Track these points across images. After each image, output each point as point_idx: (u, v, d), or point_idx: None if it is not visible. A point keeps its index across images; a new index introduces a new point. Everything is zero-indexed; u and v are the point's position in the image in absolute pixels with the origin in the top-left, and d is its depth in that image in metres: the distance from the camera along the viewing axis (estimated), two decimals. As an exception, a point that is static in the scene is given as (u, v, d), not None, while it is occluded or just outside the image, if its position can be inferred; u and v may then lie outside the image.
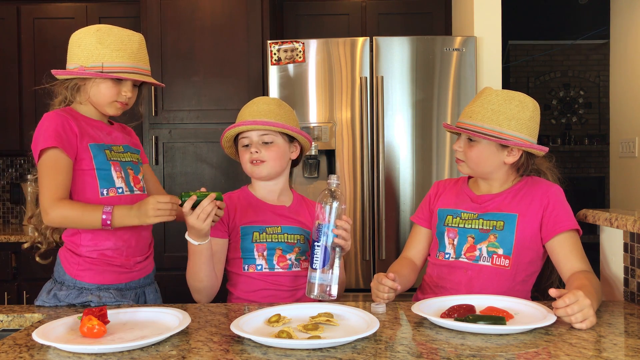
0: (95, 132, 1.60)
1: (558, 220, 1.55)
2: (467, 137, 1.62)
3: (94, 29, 1.56)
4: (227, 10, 2.97)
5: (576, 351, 1.09)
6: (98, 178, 1.56)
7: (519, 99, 1.58)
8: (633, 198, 3.25)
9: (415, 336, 1.21)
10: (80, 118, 1.59)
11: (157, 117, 2.95)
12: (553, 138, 7.82)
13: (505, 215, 1.58)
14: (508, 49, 7.69)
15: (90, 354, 1.10)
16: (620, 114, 3.41)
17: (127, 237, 1.60)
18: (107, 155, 1.59)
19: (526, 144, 1.55)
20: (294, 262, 1.71)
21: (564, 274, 1.53)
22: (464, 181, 1.75)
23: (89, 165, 1.55)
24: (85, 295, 1.54)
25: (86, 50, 1.54)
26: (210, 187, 2.93)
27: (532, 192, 1.60)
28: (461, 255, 1.60)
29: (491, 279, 1.55)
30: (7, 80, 3.22)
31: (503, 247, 1.56)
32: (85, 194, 1.55)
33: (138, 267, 1.64)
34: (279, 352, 1.10)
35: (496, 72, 2.77)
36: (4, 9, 3.22)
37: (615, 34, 3.47)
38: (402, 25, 3.32)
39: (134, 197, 1.62)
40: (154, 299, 1.71)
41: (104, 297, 1.54)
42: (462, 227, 1.62)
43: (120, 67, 1.54)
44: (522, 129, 1.56)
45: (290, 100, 2.70)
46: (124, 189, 1.60)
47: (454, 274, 1.60)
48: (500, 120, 1.54)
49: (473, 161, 1.62)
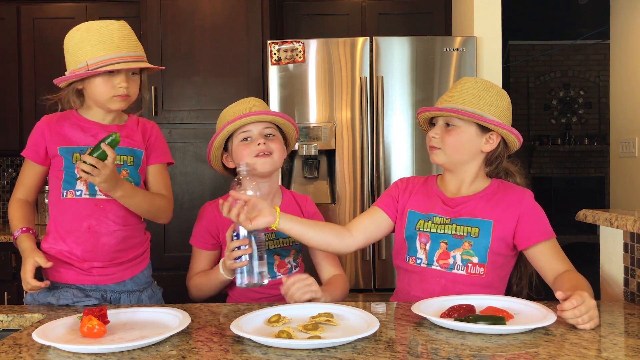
0: (76, 134, 1.60)
1: (535, 230, 1.52)
2: (444, 124, 1.57)
3: (75, 30, 1.55)
4: (227, 10, 2.96)
5: (576, 351, 1.09)
6: (63, 180, 1.59)
7: (497, 89, 1.56)
8: (633, 198, 3.25)
9: (415, 336, 1.21)
10: (71, 120, 1.61)
11: (157, 117, 2.94)
12: (553, 138, 7.82)
13: (480, 221, 1.54)
14: (508, 49, 7.70)
15: (90, 354, 1.10)
16: (620, 114, 3.41)
17: (82, 241, 1.57)
18: (75, 158, 1.57)
19: (507, 127, 1.53)
20: (293, 264, 1.71)
21: (548, 278, 1.52)
22: (433, 181, 1.67)
23: (57, 166, 1.60)
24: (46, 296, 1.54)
25: (73, 53, 1.54)
26: (210, 187, 2.95)
27: (506, 198, 1.56)
28: (434, 262, 1.55)
29: (466, 287, 1.51)
30: (7, 80, 3.22)
31: (477, 255, 1.52)
32: (53, 194, 1.61)
33: (98, 272, 1.59)
34: (279, 352, 1.10)
35: (496, 72, 2.77)
36: (4, 9, 3.22)
37: (615, 34, 3.47)
38: (402, 25, 3.31)
39: (94, 202, 1.57)
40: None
41: (62, 299, 1.52)
42: (435, 232, 1.56)
43: (104, 60, 1.51)
44: (501, 116, 1.54)
45: (290, 100, 2.70)
46: (82, 192, 1.58)
47: (426, 282, 1.55)
48: (481, 105, 1.52)
49: (451, 147, 1.55)
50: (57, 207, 1.60)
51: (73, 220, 1.57)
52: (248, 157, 1.63)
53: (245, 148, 1.65)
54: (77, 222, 1.57)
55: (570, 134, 7.84)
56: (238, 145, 1.67)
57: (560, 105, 7.92)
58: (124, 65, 1.52)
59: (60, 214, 1.59)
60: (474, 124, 1.54)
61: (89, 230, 1.57)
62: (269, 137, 1.65)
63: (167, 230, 2.91)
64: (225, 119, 1.68)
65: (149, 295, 1.68)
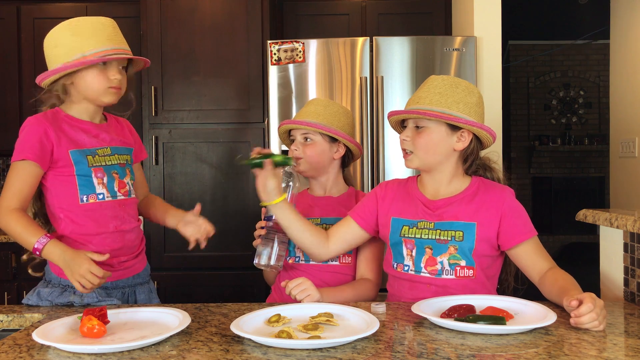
0: (79, 135, 1.57)
1: (517, 230, 1.51)
2: (414, 126, 1.56)
3: (65, 25, 1.54)
4: (227, 10, 2.96)
5: (576, 351, 1.09)
6: (78, 185, 1.55)
7: (465, 84, 1.55)
8: (633, 198, 3.25)
9: (415, 336, 1.21)
10: (66, 120, 1.57)
11: (157, 117, 2.94)
12: (553, 138, 7.82)
13: (463, 224, 1.52)
14: (508, 49, 7.70)
15: (90, 354, 1.10)
16: (620, 114, 3.41)
17: (110, 242, 1.58)
18: (89, 162, 1.56)
19: (476, 123, 1.52)
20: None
21: (533, 277, 1.51)
22: (413, 183, 1.66)
23: (70, 172, 1.54)
24: (67, 296, 1.52)
25: (64, 46, 1.52)
26: (210, 187, 2.95)
27: (488, 199, 1.54)
28: (422, 270, 1.53)
29: (457, 291, 1.50)
30: (7, 80, 3.22)
31: (465, 258, 1.51)
32: (66, 199, 1.55)
33: (123, 265, 1.61)
34: (279, 352, 1.10)
35: (496, 72, 2.77)
36: (4, 9, 3.22)
37: (615, 34, 3.47)
38: (402, 25, 3.31)
39: (116, 203, 1.60)
40: (146, 299, 1.67)
41: (86, 298, 1.51)
42: (419, 238, 1.54)
43: (101, 51, 1.52)
44: (471, 112, 1.52)
45: (290, 100, 2.70)
46: (105, 195, 1.58)
47: (416, 288, 1.54)
48: (448, 103, 1.51)
49: (422, 149, 1.54)
50: (73, 213, 1.55)
51: (97, 223, 1.56)
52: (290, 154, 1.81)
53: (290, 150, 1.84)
54: (102, 225, 1.57)
55: (570, 134, 7.84)
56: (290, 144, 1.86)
57: (560, 105, 7.92)
58: (120, 55, 1.55)
59: (77, 219, 1.55)
60: (443, 123, 1.52)
61: (116, 230, 1.59)
62: (307, 140, 1.79)
63: (167, 230, 2.91)
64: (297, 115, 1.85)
65: (150, 288, 1.74)
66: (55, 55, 1.54)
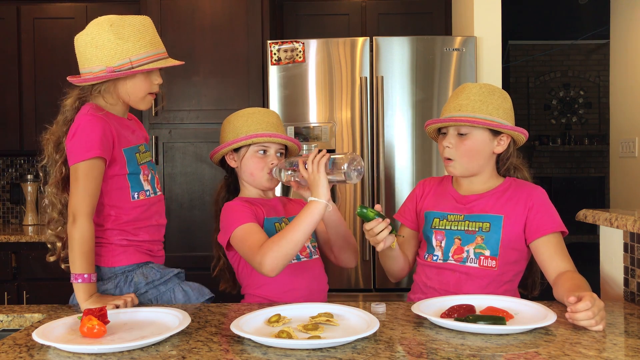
0: (127, 133, 1.56)
1: (542, 223, 1.56)
2: (456, 133, 1.60)
3: (106, 25, 1.47)
4: (227, 10, 2.97)
5: (576, 351, 1.09)
6: (130, 182, 1.55)
7: (499, 91, 1.63)
8: (633, 198, 3.25)
9: (415, 336, 1.21)
10: (114, 119, 1.54)
11: (157, 117, 2.95)
12: (553, 138, 7.82)
13: (491, 216, 1.59)
14: (508, 49, 7.69)
15: (90, 354, 1.11)
16: (620, 114, 3.41)
17: (152, 233, 1.62)
18: (138, 159, 1.57)
19: (517, 128, 1.60)
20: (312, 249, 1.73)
21: (549, 275, 1.53)
22: (448, 180, 1.74)
23: (123, 170, 1.53)
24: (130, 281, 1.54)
25: (107, 49, 1.46)
26: (210, 187, 2.94)
27: (517, 194, 1.61)
28: (449, 258, 1.61)
29: (479, 279, 1.56)
30: (7, 80, 3.22)
31: (489, 248, 1.57)
32: (119, 197, 1.53)
33: (161, 252, 1.69)
34: (279, 352, 1.10)
35: (496, 72, 2.77)
36: (4, 9, 3.21)
37: (615, 34, 3.47)
38: (402, 25, 3.32)
39: (157, 198, 1.64)
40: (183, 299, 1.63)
41: (150, 275, 1.56)
42: (449, 229, 1.62)
43: (147, 57, 1.50)
44: (508, 117, 1.61)
45: (290, 100, 2.70)
46: (150, 192, 1.60)
47: (442, 274, 1.61)
48: (490, 110, 1.58)
49: (467, 155, 1.60)
50: (123, 210, 1.55)
51: (144, 218, 1.59)
52: (261, 171, 1.69)
53: (260, 162, 1.69)
54: (148, 219, 1.60)
55: (570, 134, 7.84)
56: (253, 155, 1.69)
57: (560, 105, 7.92)
58: (169, 62, 1.55)
59: (126, 215, 1.55)
60: (486, 129, 1.59)
61: (157, 223, 1.64)
62: (279, 155, 1.73)
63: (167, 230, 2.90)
64: (247, 127, 1.68)
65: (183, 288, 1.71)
66: (97, 56, 1.47)
